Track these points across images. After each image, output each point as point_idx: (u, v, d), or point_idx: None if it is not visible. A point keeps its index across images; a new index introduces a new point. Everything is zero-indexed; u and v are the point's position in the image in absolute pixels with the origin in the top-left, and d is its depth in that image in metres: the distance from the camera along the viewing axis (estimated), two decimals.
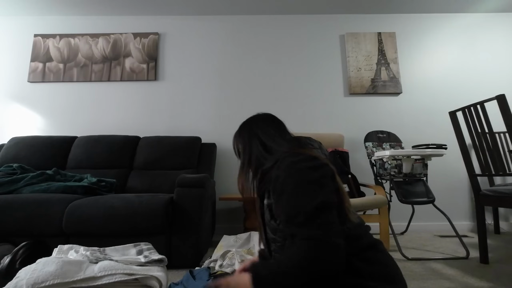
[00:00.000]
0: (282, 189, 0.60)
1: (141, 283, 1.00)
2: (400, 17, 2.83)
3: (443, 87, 2.71)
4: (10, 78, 2.71)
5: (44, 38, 2.74)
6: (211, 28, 2.80)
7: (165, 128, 2.62)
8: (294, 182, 0.59)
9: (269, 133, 0.77)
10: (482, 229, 1.60)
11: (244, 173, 0.76)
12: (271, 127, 0.79)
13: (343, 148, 2.32)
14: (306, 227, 0.55)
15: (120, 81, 2.70)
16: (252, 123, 0.82)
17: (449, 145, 2.19)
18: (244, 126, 0.83)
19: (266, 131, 0.78)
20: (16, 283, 0.89)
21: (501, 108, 1.41)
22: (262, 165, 0.71)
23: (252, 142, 0.77)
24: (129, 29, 2.78)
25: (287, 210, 0.59)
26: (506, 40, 2.77)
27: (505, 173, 1.49)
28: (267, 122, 0.81)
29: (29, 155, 2.19)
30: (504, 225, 2.46)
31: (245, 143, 0.79)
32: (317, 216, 0.55)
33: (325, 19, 2.82)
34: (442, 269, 1.49)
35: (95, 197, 1.65)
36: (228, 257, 1.39)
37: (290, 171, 0.61)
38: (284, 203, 0.60)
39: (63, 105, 2.67)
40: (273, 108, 2.66)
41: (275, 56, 2.76)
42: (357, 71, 2.70)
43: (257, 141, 0.76)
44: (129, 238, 1.45)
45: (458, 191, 2.57)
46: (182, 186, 1.64)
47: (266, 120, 0.82)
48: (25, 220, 1.51)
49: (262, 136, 0.76)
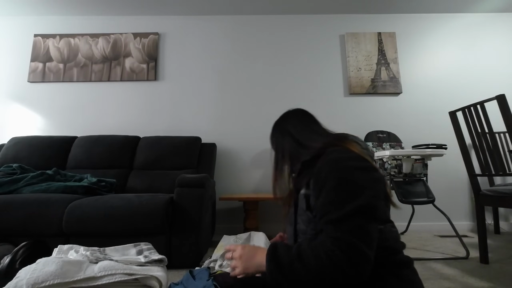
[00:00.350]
0: (325, 182, 0.57)
1: (141, 283, 1.00)
2: (400, 17, 2.83)
3: (443, 87, 2.71)
4: (10, 78, 2.71)
5: (44, 38, 2.74)
6: (211, 28, 2.80)
7: (165, 128, 2.62)
8: (338, 178, 0.56)
9: (301, 128, 0.75)
10: (482, 229, 1.60)
11: (279, 171, 0.75)
12: (302, 122, 0.77)
13: None
14: (335, 226, 0.52)
15: (120, 81, 2.70)
16: (283, 121, 0.80)
17: (449, 145, 2.19)
18: (275, 126, 0.81)
19: (297, 127, 0.76)
20: (16, 283, 0.89)
21: (501, 108, 1.41)
22: (298, 159, 0.69)
23: (285, 140, 0.75)
24: (129, 29, 2.78)
25: (323, 205, 0.56)
26: (506, 40, 2.77)
27: (505, 173, 1.49)
28: (298, 117, 0.79)
29: (29, 155, 2.19)
30: (504, 225, 2.46)
31: (277, 142, 0.77)
32: (352, 219, 0.51)
33: (325, 19, 2.82)
34: (442, 269, 1.49)
35: (95, 197, 1.65)
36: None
37: (336, 166, 0.57)
38: (323, 197, 0.56)
39: (63, 105, 2.67)
40: (273, 108, 2.66)
41: (275, 56, 2.76)
42: (357, 71, 2.70)
43: (290, 138, 0.74)
44: (129, 238, 1.45)
45: (458, 191, 2.57)
46: (182, 186, 1.64)
47: (297, 116, 0.80)
48: (25, 220, 1.51)
49: (294, 133, 0.74)
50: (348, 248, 0.48)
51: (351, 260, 0.48)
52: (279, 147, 0.76)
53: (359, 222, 0.51)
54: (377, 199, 0.55)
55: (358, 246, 0.49)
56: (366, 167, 0.58)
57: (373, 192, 0.55)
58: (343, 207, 0.52)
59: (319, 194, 0.57)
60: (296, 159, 0.70)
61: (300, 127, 0.75)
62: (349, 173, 0.56)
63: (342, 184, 0.55)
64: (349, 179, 0.55)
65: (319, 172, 0.59)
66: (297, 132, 0.74)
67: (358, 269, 0.48)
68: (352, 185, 0.54)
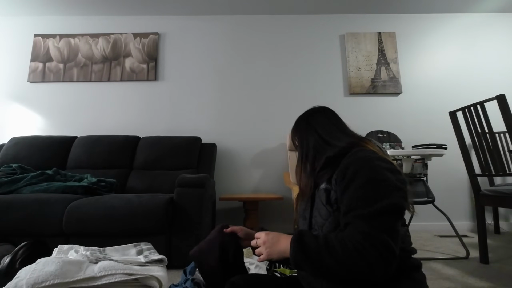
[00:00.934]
0: (353, 178, 0.57)
1: (141, 283, 1.00)
2: (400, 17, 2.83)
3: (443, 87, 2.71)
4: (10, 78, 2.71)
5: (44, 38, 2.74)
6: (211, 28, 2.80)
7: (165, 128, 2.62)
8: (369, 175, 0.56)
9: (328, 126, 0.75)
10: (482, 229, 1.60)
11: (303, 165, 0.75)
12: (329, 119, 0.77)
13: None
14: (366, 221, 0.52)
15: (120, 81, 2.70)
16: (309, 116, 0.79)
17: (449, 145, 2.19)
18: (301, 120, 0.80)
19: (324, 124, 0.76)
20: (16, 283, 0.89)
21: (501, 108, 1.41)
22: (322, 155, 0.70)
23: (310, 135, 0.75)
24: (129, 29, 2.78)
25: (351, 199, 0.56)
26: (506, 40, 2.77)
27: (505, 173, 1.49)
28: (325, 115, 0.79)
29: (29, 155, 2.19)
30: (504, 225, 2.46)
31: (302, 137, 0.77)
32: (383, 216, 0.52)
33: (325, 19, 2.82)
34: (442, 269, 1.49)
35: (95, 197, 1.65)
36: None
37: (367, 164, 0.58)
38: (350, 192, 0.57)
39: (63, 105, 2.67)
40: (273, 108, 2.66)
41: (275, 56, 2.76)
42: (357, 71, 2.70)
43: (316, 134, 0.74)
44: (129, 238, 1.45)
45: (458, 191, 2.57)
46: (182, 186, 1.64)
47: (324, 113, 0.80)
48: (25, 220, 1.51)
49: (320, 129, 0.75)
50: (380, 244, 0.50)
51: (382, 256, 0.49)
52: (303, 141, 0.76)
53: (390, 220, 0.53)
54: (405, 200, 0.57)
55: (389, 243, 0.50)
56: (394, 168, 0.59)
57: (402, 193, 0.56)
58: (374, 204, 0.53)
59: (346, 190, 0.58)
60: (320, 155, 0.71)
61: (327, 124, 0.76)
62: (380, 172, 0.57)
63: (373, 182, 0.56)
64: (380, 178, 0.56)
65: (346, 168, 0.60)
66: (324, 129, 0.75)
67: (386, 265, 0.49)
68: (384, 184, 0.55)
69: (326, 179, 0.67)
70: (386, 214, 0.53)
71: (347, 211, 0.56)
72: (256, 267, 1.32)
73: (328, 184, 0.65)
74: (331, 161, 0.67)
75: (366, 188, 0.55)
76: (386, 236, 0.50)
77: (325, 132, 0.74)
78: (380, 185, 0.55)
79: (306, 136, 0.76)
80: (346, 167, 0.60)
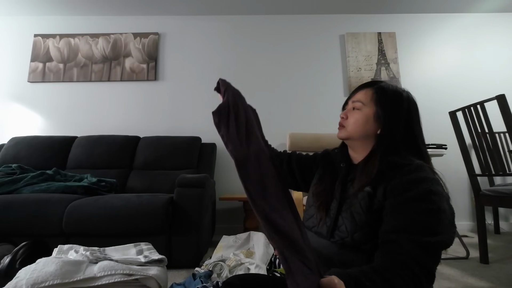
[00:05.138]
0: (414, 198, 0.56)
1: (141, 283, 1.00)
2: (400, 17, 2.83)
3: (443, 87, 2.71)
4: (10, 78, 2.71)
5: (44, 38, 2.74)
6: (211, 28, 2.80)
7: (165, 128, 2.62)
8: (431, 202, 0.55)
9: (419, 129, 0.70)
10: (482, 229, 1.60)
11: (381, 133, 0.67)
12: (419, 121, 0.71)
13: None
14: (424, 251, 0.52)
15: (120, 81, 2.70)
16: (411, 102, 0.70)
17: (449, 145, 2.19)
18: (402, 94, 0.69)
19: (418, 124, 0.70)
20: (16, 283, 0.89)
21: (501, 108, 1.42)
22: (389, 150, 0.65)
23: (401, 120, 0.66)
24: (129, 29, 2.78)
25: (407, 220, 0.55)
26: (506, 40, 2.77)
27: (505, 173, 1.49)
28: (418, 113, 0.71)
29: (29, 155, 2.19)
30: (504, 225, 2.46)
31: (394, 114, 0.66)
32: (439, 250, 0.54)
33: (325, 19, 2.82)
34: (442, 269, 1.49)
35: (95, 197, 1.65)
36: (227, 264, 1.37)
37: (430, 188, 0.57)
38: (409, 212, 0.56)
39: (63, 105, 2.67)
40: (273, 107, 2.66)
41: (275, 56, 2.76)
42: (357, 71, 2.70)
43: (406, 125, 0.67)
44: (129, 238, 1.45)
45: (458, 191, 2.57)
46: (182, 186, 1.64)
47: (417, 111, 0.71)
48: (25, 220, 1.51)
49: (415, 127, 0.69)
50: (429, 275, 0.52)
51: (423, 285, 0.52)
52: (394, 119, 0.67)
53: (440, 254, 0.55)
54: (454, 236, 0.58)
55: (434, 273, 0.53)
56: (448, 196, 0.60)
57: (454, 229, 0.58)
58: (435, 235, 0.54)
59: (403, 206, 0.57)
60: (388, 146, 0.65)
61: (419, 126, 0.70)
62: (442, 201, 0.57)
63: (436, 212, 0.55)
64: (443, 208, 0.56)
65: (409, 183, 0.58)
66: (418, 130, 0.70)
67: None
68: (444, 217, 0.56)
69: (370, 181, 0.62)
70: (441, 248, 0.54)
71: (400, 230, 0.55)
72: (256, 267, 1.32)
73: (374, 189, 0.62)
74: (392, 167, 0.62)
75: (429, 215, 0.55)
76: (435, 268, 0.53)
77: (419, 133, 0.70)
78: (442, 217, 0.55)
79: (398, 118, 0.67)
80: (409, 181, 0.58)
